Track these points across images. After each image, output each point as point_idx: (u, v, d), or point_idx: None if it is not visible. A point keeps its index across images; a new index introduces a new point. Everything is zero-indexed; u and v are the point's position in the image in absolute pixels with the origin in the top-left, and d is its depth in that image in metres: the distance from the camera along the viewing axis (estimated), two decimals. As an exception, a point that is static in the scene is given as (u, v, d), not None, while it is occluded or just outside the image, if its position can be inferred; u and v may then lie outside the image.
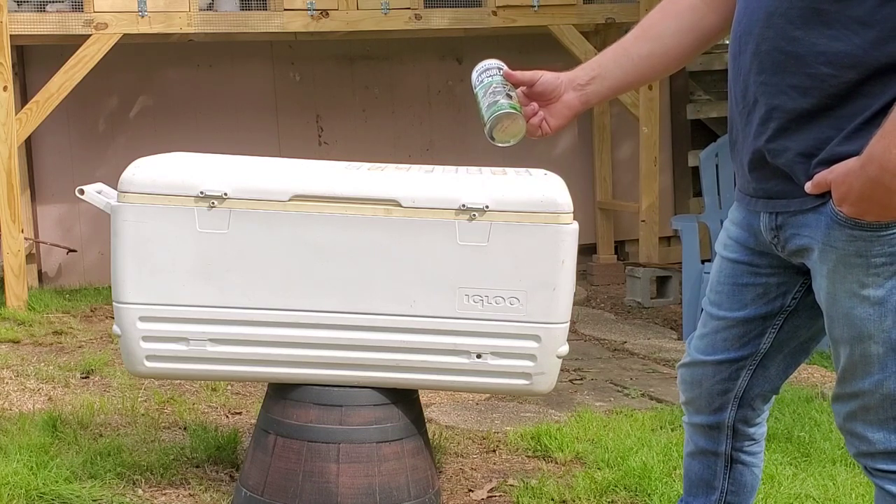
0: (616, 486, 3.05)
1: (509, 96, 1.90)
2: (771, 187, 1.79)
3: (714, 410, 2.07)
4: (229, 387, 4.02)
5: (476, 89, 1.93)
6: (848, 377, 1.78)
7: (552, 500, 2.99)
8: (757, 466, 2.16)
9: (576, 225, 2.59)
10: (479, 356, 2.63)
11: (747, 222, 1.91)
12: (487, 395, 3.93)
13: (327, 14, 5.80)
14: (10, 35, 5.42)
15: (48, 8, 5.62)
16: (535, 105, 1.96)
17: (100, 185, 2.82)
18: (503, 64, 1.94)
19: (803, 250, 1.78)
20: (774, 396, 2.12)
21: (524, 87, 1.95)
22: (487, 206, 2.56)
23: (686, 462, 2.21)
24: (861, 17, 1.63)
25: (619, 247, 7.11)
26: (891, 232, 1.66)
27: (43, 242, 6.30)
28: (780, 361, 2.02)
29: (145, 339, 2.66)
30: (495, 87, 1.90)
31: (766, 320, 1.96)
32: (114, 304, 2.67)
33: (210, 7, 5.85)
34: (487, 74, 1.92)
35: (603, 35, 6.54)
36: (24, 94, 6.09)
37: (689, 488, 2.20)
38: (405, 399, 2.76)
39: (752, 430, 2.11)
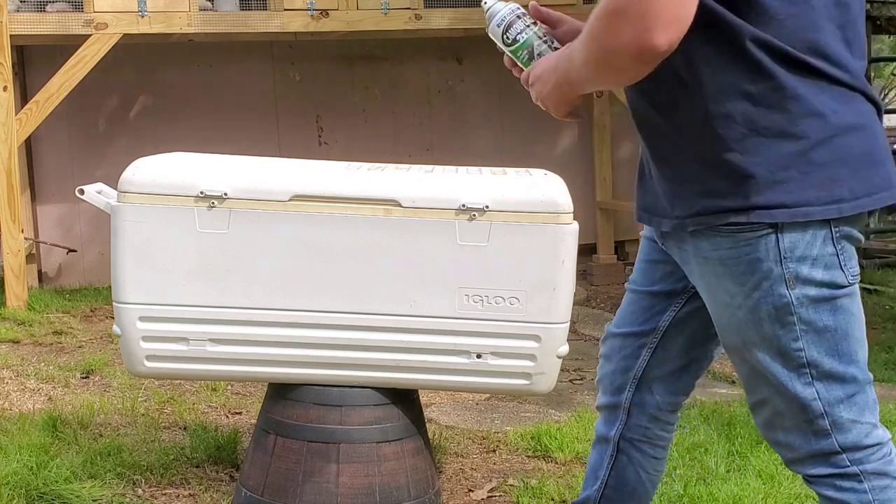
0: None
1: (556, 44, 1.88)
2: (648, 201, 1.85)
3: (615, 390, 2.08)
4: (229, 387, 4.02)
5: (521, 38, 1.85)
6: (751, 386, 1.80)
7: (552, 500, 2.99)
8: (644, 470, 2.12)
9: (576, 225, 2.59)
10: (479, 356, 2.63)
11: None
12: (487, 395, 3.93)
13: (327, 14, 5.80)
14: (10, 35, 5.42)
15: (48, 8, 5.62)
16: None
17: (100, 185, 2.82)
18: (519, 6, 1.88)
19: (684, 263, 1.82)
20: (682, 402, 2.09)
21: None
22: (487, 206, 2.56)
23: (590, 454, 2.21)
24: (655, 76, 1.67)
25: (619, 247, 7.11)
26: (743, 237, 1.67)
27: (43, 242, 6.30)
28: (680, 344, 2.02)
29: (145, 339, 2.66)
30: (541, 38, 1.85)
31: (669, 297, 1.99)
32: (114, 304, 2.67)
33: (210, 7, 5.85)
34: (524, 23, 1.85)
35: (603, 35, 6.52)
36: (24, 94, 6.09)
37: (584, 480, 2.20)
38: (405, 399, 2.76)
39: (646, 423, 2.08)
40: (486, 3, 1.89)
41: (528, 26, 1.85)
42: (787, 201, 1.62)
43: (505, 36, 1.85)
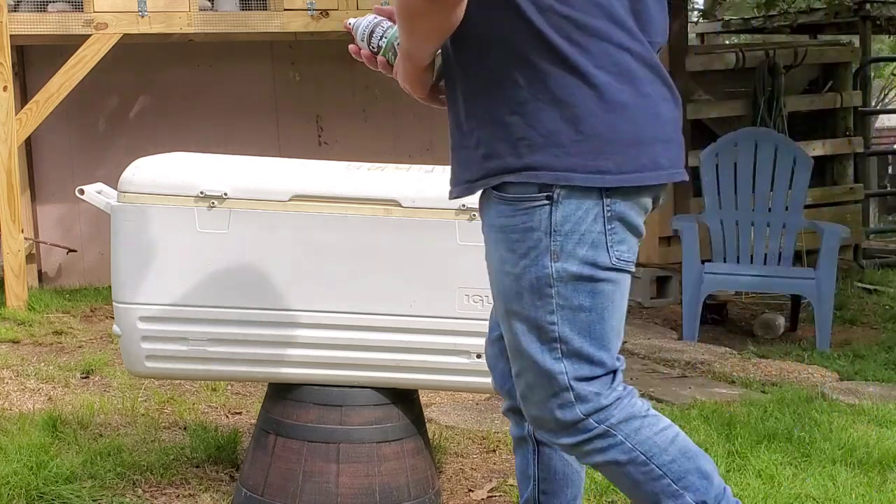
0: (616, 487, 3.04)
1: None
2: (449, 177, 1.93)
3: (507, 392, 2.09)
4: (229, 387, 4.02)
5: (383, 43, 1.96)
6: (512, 355, 1.84)
7: (552, 500, 2.99)
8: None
9: (576, 225, 2.59)
10: (479, 356, 2.63)
11: None
12: (487, 395, 3.93)
13: (327, 14, 5.80)
14: (10, 35, 5.42)
15: (48, 8, 5.62)
16: None
17: (100, 185, 2.82)
18: (376, 16, 1.98)
19: (483, 237, 1.86)
20: None
21: None
22: (487, 206, 2.56)
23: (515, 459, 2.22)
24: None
25: (619, 246, 7.10)
26: (522, 206, 1.72)
27: (43, 242, 6.30)
28: None
29: (145, 339, 2.66)
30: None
31: None
32: (114, 304, 2.67)
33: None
34: (382, 28, 1.94)
35: (603, 35, 6.52)
36: (24, 94, 6.09)
37: (518, 485, 2.21)
38: (405, 399, 2.76)
39: None
40: (348, 23, 1.98)
41: (386, 29, 1.94)
42: (554, 165, 1.70)
43: (371, 45, 1.94)
